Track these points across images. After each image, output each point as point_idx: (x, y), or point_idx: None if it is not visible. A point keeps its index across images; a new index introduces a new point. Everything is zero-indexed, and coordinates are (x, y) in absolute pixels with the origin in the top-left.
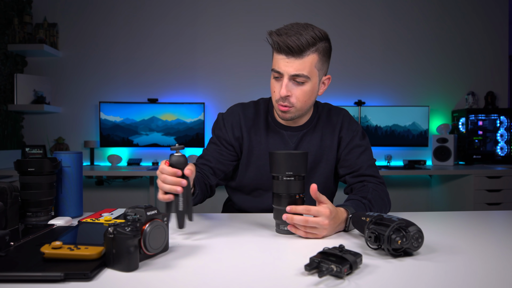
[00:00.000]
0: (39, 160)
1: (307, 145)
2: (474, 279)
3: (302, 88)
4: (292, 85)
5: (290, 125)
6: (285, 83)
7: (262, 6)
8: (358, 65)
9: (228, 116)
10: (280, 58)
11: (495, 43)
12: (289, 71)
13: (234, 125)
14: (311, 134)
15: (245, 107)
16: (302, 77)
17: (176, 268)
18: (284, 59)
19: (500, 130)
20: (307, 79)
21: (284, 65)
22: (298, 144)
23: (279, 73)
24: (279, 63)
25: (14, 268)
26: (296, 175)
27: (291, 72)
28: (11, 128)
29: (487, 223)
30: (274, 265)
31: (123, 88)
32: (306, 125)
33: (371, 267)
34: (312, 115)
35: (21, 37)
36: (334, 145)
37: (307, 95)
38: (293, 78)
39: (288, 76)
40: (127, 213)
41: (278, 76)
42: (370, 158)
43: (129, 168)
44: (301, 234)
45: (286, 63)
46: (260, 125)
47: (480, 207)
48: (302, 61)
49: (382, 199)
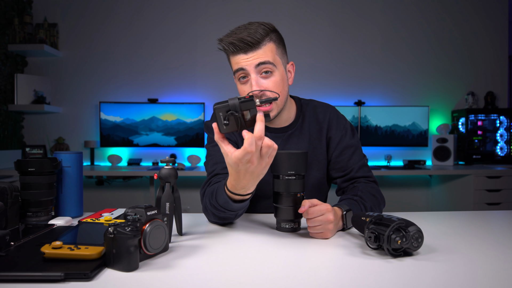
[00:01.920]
0: (39, 160)
1: (294, 146)
2: (474, 279)
3: (272, 79)
4: (261, 79)
5: (273, 127)
6: (253, 78)
7: (262, 6)
8: (358, 65)
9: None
10: (239, 58)
11: (495, 43)
12: (253, 63)
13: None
14: (298, 135)
15: None
16: (267, 64)
17: (176, 268)
18: (243, 57)
19: (500, 130)
20: (273, 67)
21: (245, 61)
22: (284, 146)
23: (243, 69)
24: (240, 63)
25: (14, 268)
26: (297, 174)
27: (255, 62)
28: (11, 128)
29: (487, 223)
30: (275, 264)
31: (123, 88)
32: (291, 126)
33: (371, 267)
34: (297, 115)
35: (22, 37)
36: (323, 145)
37: (280, 85)
38: (260, 70)
39: (254, 70)
40: (127, 213)
41: (243, 75)
42: (360, 158)
43: (129, 168)
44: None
45: (247, 59)
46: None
47: (479, 207)
48: (262, 50)
49: (373, 195)
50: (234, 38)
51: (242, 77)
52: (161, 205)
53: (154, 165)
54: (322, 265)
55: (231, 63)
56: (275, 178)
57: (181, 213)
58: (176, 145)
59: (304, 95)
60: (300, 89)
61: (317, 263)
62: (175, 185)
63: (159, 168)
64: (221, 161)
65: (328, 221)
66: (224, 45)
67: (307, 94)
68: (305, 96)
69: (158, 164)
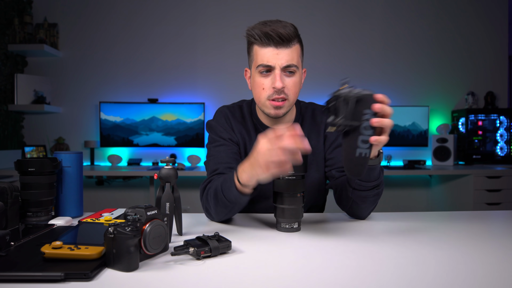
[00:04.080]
0: (39, 160)
1: None
2: (474, 279)
3: (293, 79)
4: (284, 76)
5: (273, 127)
6: (278, 74)
7: (262, 6)
8: (358, 65)
9: (220, 119)
10: (268, 51)
11: (495, 43)
12: (281, 63)
13: (228, 128)
14: None
15: (231, 110)
16: (293, 67)
17: (176, 268)
18: (273, 51)
19: (500, 130)
20: (296, 69)
21: (274, 57)
22: None
23: (269, 66)
24: (267, 56)
25: (14, 268)
26: (297, 174)
27: (283, 63)
28: (11, 128)
29: (487, 223)
30: (275, 264)
31: (123, 88)
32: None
33: (371, 267)
34: (296, 116)
35: (22, 37)
36: (321, 145)
37: (297, 86)
38: (285, 69)
39: (280, 68)
40: (127, 213)
41: (266, 70)
42: None
43: (129, 168)
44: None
45: (276, 54)
46: (248, 127)
47: (479, 207)
48: (290, 50)
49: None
50: (270, 29)
51: (265, 71)
52: (161, 205)
53: (154, 165)
54: (322, 265)
55: (255, 54)
56: (275, 178)
57: (181, 213)
58: (176, 145)
59: (304, 95)
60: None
61: (317, 263)
62: (175, 185)
63: (159, 168)
64: (224, 161)
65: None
66: (256, 34)
67: (307, 94)
68: (305, 96)
69: (158, 164)
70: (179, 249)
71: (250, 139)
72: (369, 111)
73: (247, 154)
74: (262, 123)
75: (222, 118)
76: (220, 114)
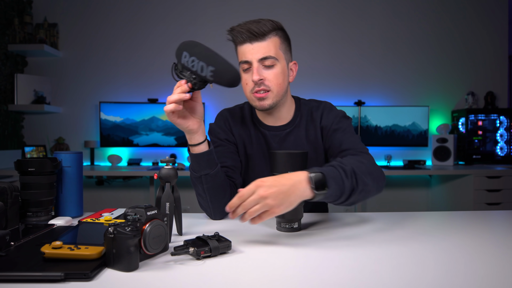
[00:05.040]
0: (39, 160)
1: (292, 144)
2: (474, 279)
3: (273, 71)
4: (263, 69)
5: (272, 125)
6: (255, 67)
7: (262, 6)
8: (358, 65)
9: (219, 122)
10: (244, 47)
11: (495, 43)
12: (256, 56)
13: (226, 129)
14: (295, 134)
15: (231, 112)
16: (270, 59)
17: (176, 268)
18: (249, 46)
19: (500, 130)
20: (275, 61)
21: (250, 52)
22: (281, 144)
23: (247, 62)
24: (244, 52)
25: (14, 268)
26: None
27: (259, 56)
28: (11, 128)
29: (487, 223)
30: (275, 264)
31: (123, 88)
32: (289, 124)
33: (371, 266)
34: (295, 114)
35: (22, 37)
36: (319, 138)
37: (279, 77)
38: (262, 62)
39: (256, 62)
40: (127, 213)
41: (247, 67)
42: (351, 135)
43: (129, 168)
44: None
45: (252, 49)
46: (248, 127)
47: (480, 207)
48: (266, 43)
49: (359, 161)
50: (243, 28)
51: (246, 68)
52: (161, 205)
53: (154, 165)
54: (322, 265)
55: (237, 53)
56: None
57: (181, 213)
58: (176, 145)
59: (304, 95)
60: (300, 89)
61: (317, 263)
62: (175, 185)
63: (159, 168)
64: (220, 161)
65: (262, 197)
66: (233, 34)
67: (307, 94)
68: (305, 96)
69: (158, 164)
70: (179, 249)
71: (249, 138)
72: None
73: (246, 153)
74: (261, 121)
75: (221, 121)
76: (220, 117)
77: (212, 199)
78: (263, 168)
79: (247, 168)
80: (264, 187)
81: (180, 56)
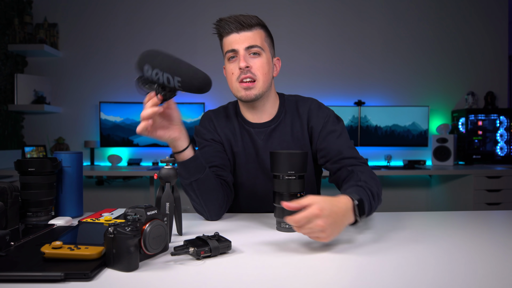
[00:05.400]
0: (39, 160)
1: (277, 140)
2: (474, 279)
3: (259, 60)
4: (249, 58)
5: (256, 122)
6: (242, 55)
7: (262, 6)
8: (358, 65)
9: (203, 123)
10: (231, 37)
11: (495, 43)
12: (243, 45)
13: (211, 129)
14: (280, 130)
15: (215, 112)
16: (256, 47)
17: (176, 268)
18: (235, 36)
19: (500, 130)
20: (261, 50)
21: (237, 41)
22: (267, 140)
23: (234, 50)
24: (231, 41)
25: (14, 268)
26: (297, 174)
27: (246, 44)
28: (11, 128)
29: (487, 223)
30: (275, 264)
31: (123, 88)
32: (273, 120)
33: (371, 266)
34: (279, 110)
35: (22, 37)
36: (306, 136)
37: (265, 67)
38: (248, 51)
39: (243, 50)
40: (127, 213)
41: (233, 55)
42: (347, 141)
43: (129, 168)
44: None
45: (239, 38)
46: (233, 125)
47: (480, 207)
48: (252, 33)
49: (373, 178)
50: (231, 18)
51: (231, 57)
52: (161, 205)
53: (154, 165)
54: (322, 265)
55: (223, 45)
56: (275, 178)
57: (181, 213)
58: None
59: (304, 95)
60: (300, 89)
61: (317, 263)
62: (175, 185)
63: (159, 168)
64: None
65: (319, 228)
66: (221, 24)
67: (307, 94)
68: (305, 95)
69: (158, 164)
70: (179, 249)
71: (235, 136)
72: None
73: (233, 151)
74: (245, 119)
75: (205, 121)
76: (204, 118)
77: (206, 202)
78: (250, 166)
79: (234, 166)
80: (323, 218)
81: (142, 70)
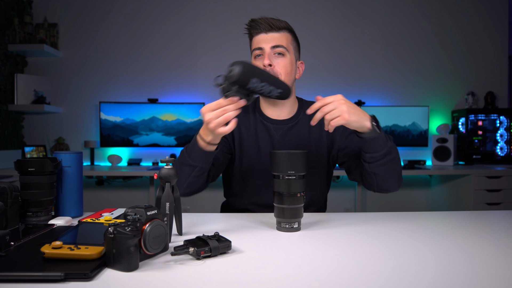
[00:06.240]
0: (39, 160)
1: (294, 137)
2: (474, 279)
3: (283, 60)
4: (274, 57)
5: (275, 118)
6: (267, 53)
7: (262, 6)
8: (358, 65)
9: None
10: (260, 37)
11: (495, 43)
12: (270, 44)
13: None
14: (298, 127)
15: None
16: (281, 48)
17: (176, 268)
18: (264, 36)
19: (500, 130)
20: (285, 51)
21: (264, 41)
22: (284, 136)
23: (260, 49)
24: (259, 40)
25: (14, 268)
26: (297, 174)
27: (272, 44)
28: (11, 128)
29: (487, 223)
30: (275, 264)
31: (123, 88)
32: (292, 119)
33: (371, 266)
34: (298, 110)
35: (22, 37)
36: (324, 140)
37: (288, 67)
38: (274, 50)
39: (269, 48)
40: (127, 213)
41: (259, 53)
42: None
43: (129, 168)
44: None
45: (266, 38)
46: (249, 119)
47: (480, 207)
48: (279, 35)
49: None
50: (262, 20)
51: (258, 55)
52: (161, 205)
53: (154, 165)
54: (322, 265)
55: (252, 43)
56: (275, 178)
57: (181, 213)
58: (176, 145)
59: (304, 95)
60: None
61: (317, 263)
62: (175, 185)
63: (159, 168)
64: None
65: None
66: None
67: (307, 94)
68: (305, 96)
69: (158, 164)
70: (179, 249)
71: (248, 131)
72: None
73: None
74: (265, 115)
75: None
76: None
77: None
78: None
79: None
80: (343, 97)
81: (247, 82)
